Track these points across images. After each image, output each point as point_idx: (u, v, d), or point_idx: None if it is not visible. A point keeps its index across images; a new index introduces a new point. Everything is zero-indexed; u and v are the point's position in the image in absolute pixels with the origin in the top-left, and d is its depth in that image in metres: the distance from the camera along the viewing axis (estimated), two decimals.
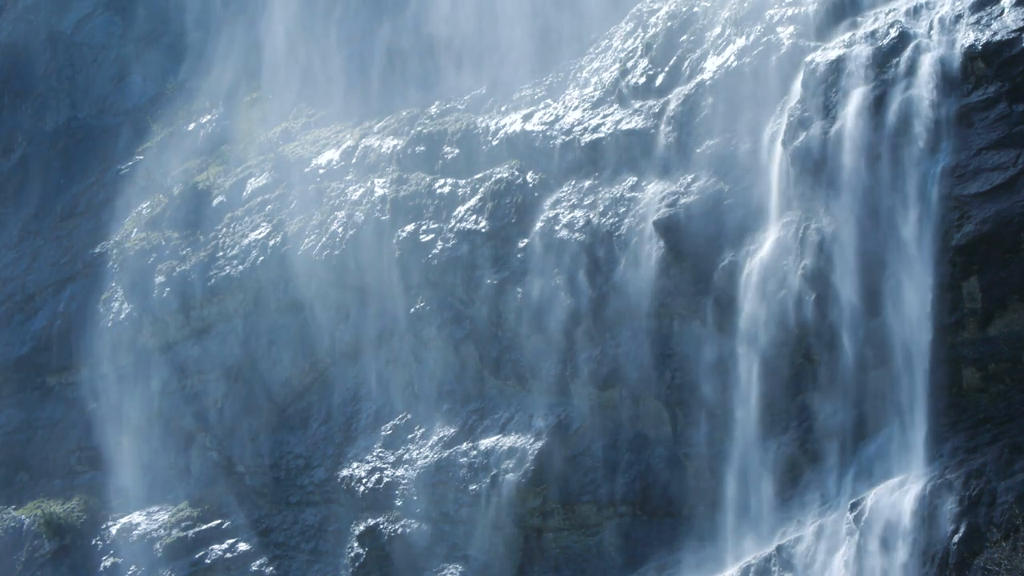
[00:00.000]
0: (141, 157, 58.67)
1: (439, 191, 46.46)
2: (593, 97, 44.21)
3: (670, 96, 41.51)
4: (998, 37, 34.24)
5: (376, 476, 44.60)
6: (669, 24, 42.84)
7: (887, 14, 36.90)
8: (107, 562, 50.20)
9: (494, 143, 45.99)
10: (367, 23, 53.80)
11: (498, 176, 45.08)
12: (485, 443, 42.24)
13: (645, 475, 39.43)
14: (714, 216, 38.68)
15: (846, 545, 33.11)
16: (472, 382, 43.88)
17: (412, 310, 45.51)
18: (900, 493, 32.43)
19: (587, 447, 40.63)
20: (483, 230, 44.49)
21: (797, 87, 37.68)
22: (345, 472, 45.49)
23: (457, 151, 47.00)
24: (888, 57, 35.90)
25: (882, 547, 32.33)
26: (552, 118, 44.76)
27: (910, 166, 34.58)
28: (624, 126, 42.40)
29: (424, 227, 46.05)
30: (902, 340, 34.20)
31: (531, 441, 41.21)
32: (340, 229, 47.96)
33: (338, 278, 47.70)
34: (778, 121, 37.87)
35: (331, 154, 50.68)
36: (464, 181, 46.15)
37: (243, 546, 47.16)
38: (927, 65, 34.96)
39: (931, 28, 35.58)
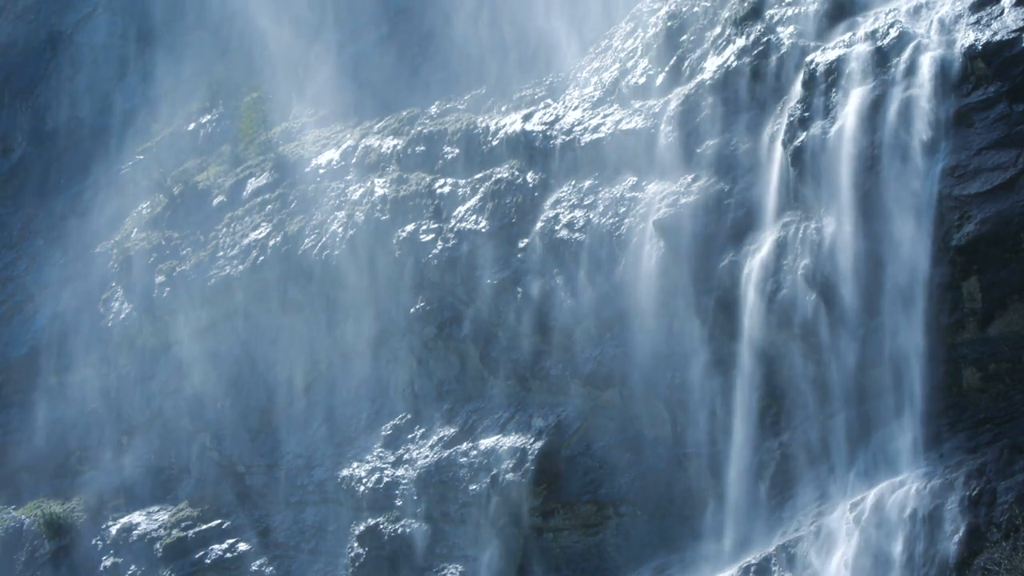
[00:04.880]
0: (141, 157, 58.71)
1: (439, 191, 46.45)
2: (593, 97, 44.19)
3: (670, 96, 41.47)
4: (998, 37, 34.20)
5: (376, 476, 44.57)
6: (669, 24, 42.80)
7: (887, 14, 36.86)
8: (107, 562, 50.19)
9: (494, 143, 45.96)
10: (368, 23, 53.80)
11: (498, 176, 45.06)
12: (485, 443, 42.22)
13: (645, 475, 39.40)
14: (714, 216, 38.65)
15: (846, 545, 33.08)
16: (472, 382, 43.86)
17: (412, 310, 45.49)
18: (900, 493, 32.39)
19: (587, 447, 40.59)
20: (483, 230, 44.47)
21: (797, 87, 37.64)
22: (345, 472, 45.47)
23: (457, 151, 46.98)
24: (888, 57, 35.86)
25: (882, 547, 32.31)
26: (552, 118, 44.74)
27: (910, 166, 34.55)
28: (624, 126, 42.38)
29: (424, 227, 46.04)
30: (902, 340, 34.18)
31: (531, 441, 41.18)
32: (340, 229, 47.94)
33: (338, 278, 47.69)
34: (778, 121, 37.84)
35: (331, 154, 50.68)
36: (464, 181, 46.13)
37: (243, 546, 47.14)
38: (927, 65, 34.91)
39: (931, 28, 35.54)
